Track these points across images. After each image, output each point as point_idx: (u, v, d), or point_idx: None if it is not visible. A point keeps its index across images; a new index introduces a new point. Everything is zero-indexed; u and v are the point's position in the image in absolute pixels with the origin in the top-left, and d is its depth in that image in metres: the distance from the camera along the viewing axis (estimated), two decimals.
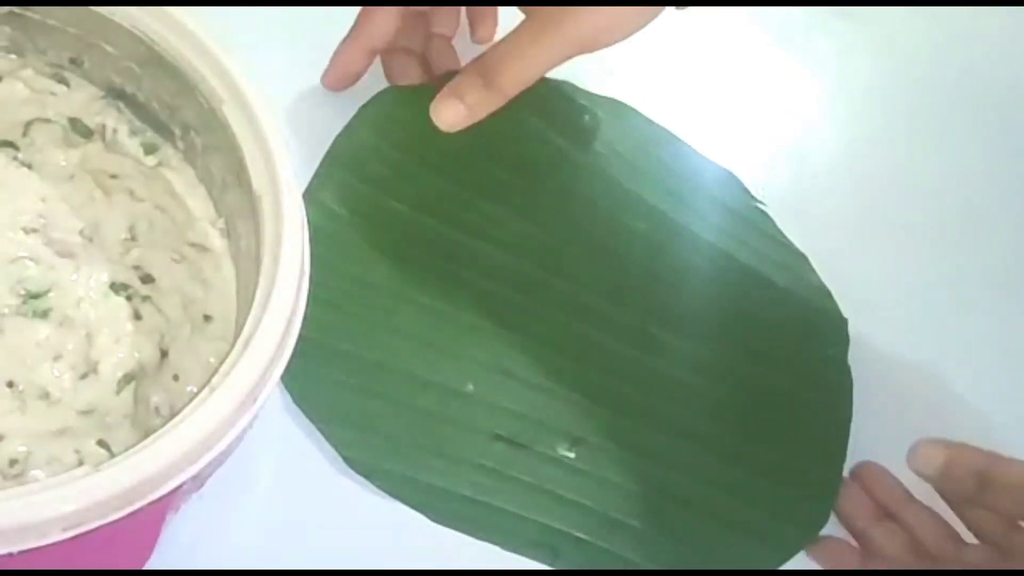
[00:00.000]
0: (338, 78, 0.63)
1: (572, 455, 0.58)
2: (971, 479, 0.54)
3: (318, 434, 0.55)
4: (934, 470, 0.54)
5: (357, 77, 0.63)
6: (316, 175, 0.61)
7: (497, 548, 0.55)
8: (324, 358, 0.56)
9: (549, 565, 0.55)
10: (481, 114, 0.58)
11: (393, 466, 0.55)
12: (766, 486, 0.59)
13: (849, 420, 0.62)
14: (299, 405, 0.55)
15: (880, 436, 0.62)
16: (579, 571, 0.56)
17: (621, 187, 0.65)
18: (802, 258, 0.67)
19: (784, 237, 0.67)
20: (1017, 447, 0.55)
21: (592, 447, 0.58)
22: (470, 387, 0.58)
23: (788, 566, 0.58)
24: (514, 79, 0.58)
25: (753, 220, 0.67)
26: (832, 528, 0.59)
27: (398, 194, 0.61)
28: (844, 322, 0.65)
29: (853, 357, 0.64)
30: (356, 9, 0.66)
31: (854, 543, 0.58)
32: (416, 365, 0.57)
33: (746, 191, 0.68)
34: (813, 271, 0.66)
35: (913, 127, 0.75)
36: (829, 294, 0.66)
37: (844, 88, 0.75)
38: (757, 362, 0.63)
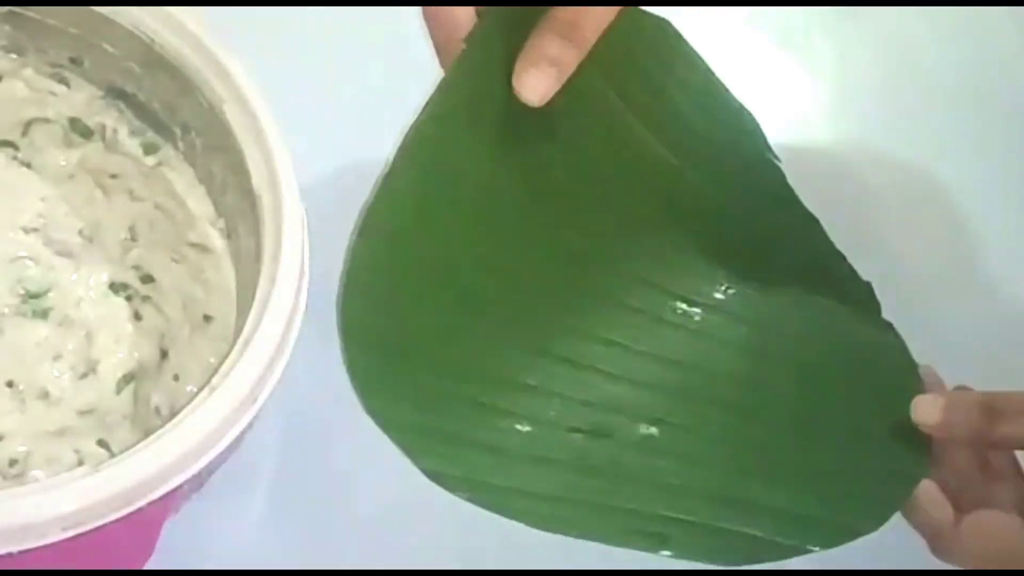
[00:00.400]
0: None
1: (656, 434, 0.56)
2: (976, 415, 0.53)
3: (318, 434, 0.55)
4: (937, 417, 0.54)
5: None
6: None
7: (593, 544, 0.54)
8: (398, 368, 0.54)
9: (657, 552, 0.54)
10: (568, 71, 0.52)
11: (484, 477, 0.53)
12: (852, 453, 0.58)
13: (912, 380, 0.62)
14: (375, 418, 0.52)
15: None
16: (580, 571, 0.56)
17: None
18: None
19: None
20: None
21: (673, 427, 0.57)
22: (531, 381, 0.56)
23: (792, 565, 0.58)
24: (593, 22, 0.53)
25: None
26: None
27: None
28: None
29: None
30: (356, 9, 0.66)
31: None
32: (474, 364, 0.54)
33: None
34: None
35: (913, 127, 0.74)
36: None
37: (844, 88, 0.75)
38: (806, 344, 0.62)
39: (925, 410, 0.55)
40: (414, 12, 0.69)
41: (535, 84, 0.52)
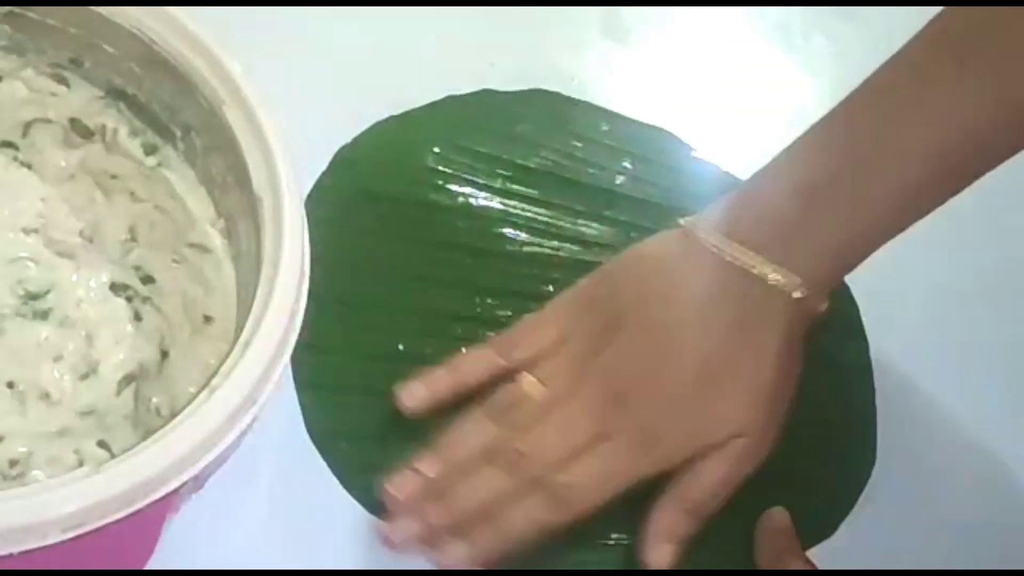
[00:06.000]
0: (416, 400, 0.57)
1: None
2: (485, 367, 0.57)
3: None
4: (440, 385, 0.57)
5: (435, 404, 0.57)
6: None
7: None
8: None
9: None
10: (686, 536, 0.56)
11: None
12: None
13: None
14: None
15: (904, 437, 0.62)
16: (581, 571, 0.56)
17: None
18: None
19: None
20: None
21: None
22: None
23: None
24: (719, 506, 0.56)
25: None
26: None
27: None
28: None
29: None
30: (356, 9, 0.66)
31: None
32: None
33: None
34: None
35: None
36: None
37: (844, 88, 0.75)
38: None
39: (411, 396, 0.56)
40: (414, 12, 0.70)
41: (660, 558, 0.55)
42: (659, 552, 0.55)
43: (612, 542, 0.56)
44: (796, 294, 0.56)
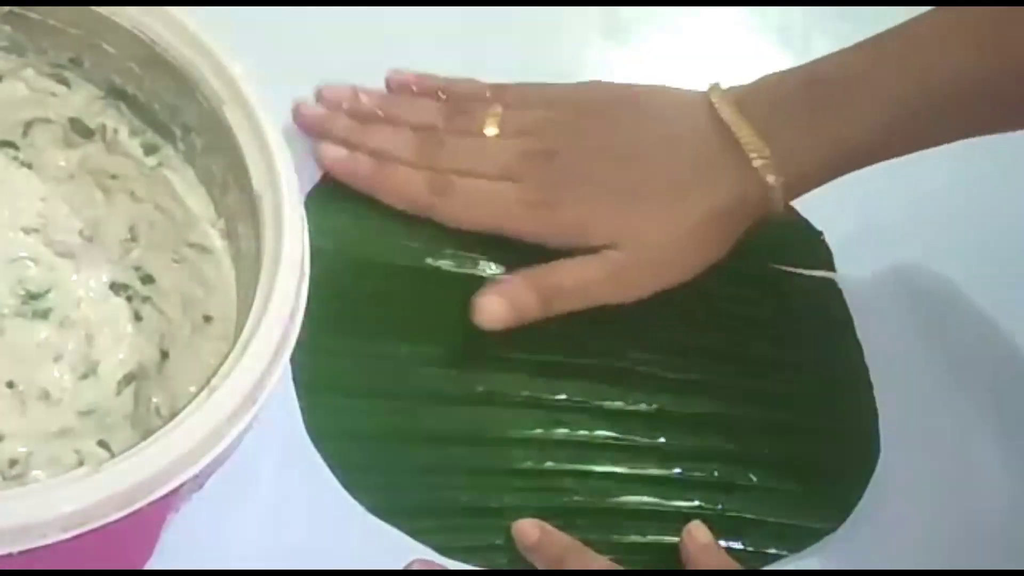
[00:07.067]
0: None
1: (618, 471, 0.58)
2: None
3: None
4: (501, 313, 0.58)
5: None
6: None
7: None
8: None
9: None
10: (524, 321, 0.58)
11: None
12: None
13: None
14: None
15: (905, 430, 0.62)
16: (574, 571, 0.56)
17: None
18: None
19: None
20: None
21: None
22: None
23: (786, 565, 0.58)
24: (568, 306, 0.59)
25: None
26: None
27: None
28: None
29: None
30: (356, 9, 0.66)
31: None
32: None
33: None
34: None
35: None
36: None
37: None
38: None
39: (490, 309, 0.58)
40: (414, 12, 0.70)
41: (492, 311, 0.58)
42: (488, 298, 0.57)
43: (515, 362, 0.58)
44: (769, 178, 0.58)
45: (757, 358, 0.63)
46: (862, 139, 0.59)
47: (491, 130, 0.61)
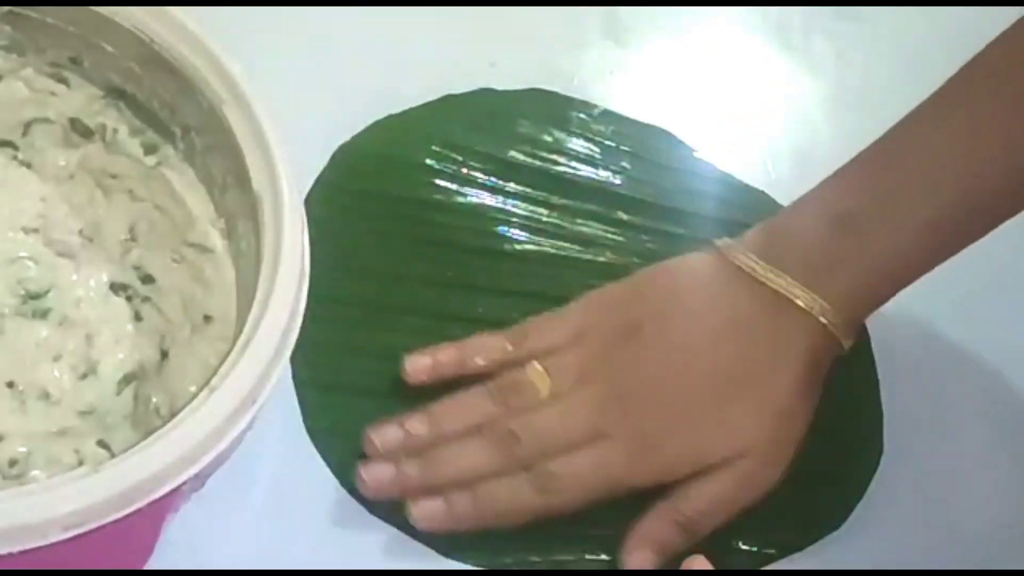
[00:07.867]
0: (419, 371, 0.56)
1: None
2: (500, 353, 0.57)
3: None
4: (427, 371, 0.56)
5: (438, 378, 0.57)
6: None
7: None
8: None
9: None
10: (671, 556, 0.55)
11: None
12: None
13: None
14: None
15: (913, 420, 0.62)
16: (570, 571, 0.55)
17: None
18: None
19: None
20: None
21: None
22: None
23: (786, 565, 0.58)
24: (713, 526, 0.55)
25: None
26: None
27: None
28: None
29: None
30: (356, 9, 0.66)
31: None
32: None
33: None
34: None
35: None
36: None
37: (844, 88, 0.75)
38: None
39: (415, 367, 0.56)
40: (414, 12, 0.70)
41: (639, 560, 0.54)
42: (637, 556, 0.54)
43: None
44: (823, 319, 0.55)
45: None
46: (901, 260, 0.57)
47: (544, 390, 0.55)
